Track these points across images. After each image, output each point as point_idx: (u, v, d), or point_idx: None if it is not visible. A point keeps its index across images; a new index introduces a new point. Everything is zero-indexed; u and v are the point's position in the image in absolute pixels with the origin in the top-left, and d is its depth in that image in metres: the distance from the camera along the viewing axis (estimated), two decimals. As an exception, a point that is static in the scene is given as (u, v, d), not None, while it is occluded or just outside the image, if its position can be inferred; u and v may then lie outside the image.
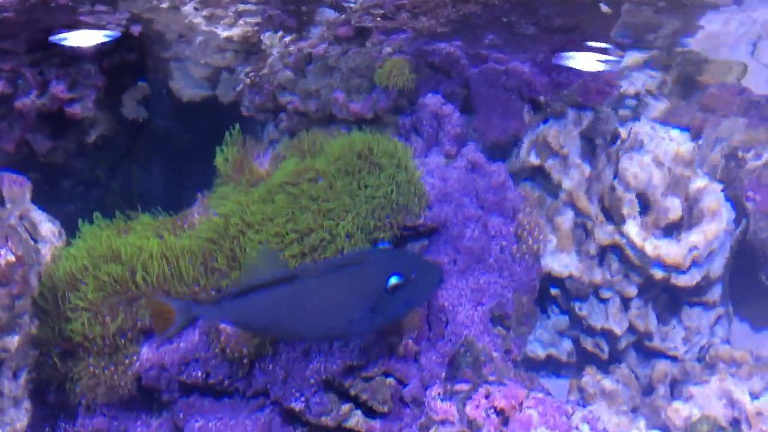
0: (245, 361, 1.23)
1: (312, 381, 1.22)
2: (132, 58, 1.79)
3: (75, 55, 1.66)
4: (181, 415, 1.27)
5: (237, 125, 1.43)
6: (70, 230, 1.38)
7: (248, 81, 1.74)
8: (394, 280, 1.09)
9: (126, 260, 1.25)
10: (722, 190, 1.48)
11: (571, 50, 1.58)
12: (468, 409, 1.02)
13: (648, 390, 1.54)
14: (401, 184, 1.31)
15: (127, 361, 1.26)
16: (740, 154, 1.50)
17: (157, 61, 1.85)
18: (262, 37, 1.73)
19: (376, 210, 1.29)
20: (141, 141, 1.96)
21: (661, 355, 1.54)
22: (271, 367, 1.24)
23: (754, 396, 1.38)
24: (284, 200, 1.27)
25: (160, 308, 1.09)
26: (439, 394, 1.05)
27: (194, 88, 1.88)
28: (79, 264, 1.27)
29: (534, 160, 1.61)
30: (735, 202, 1.50)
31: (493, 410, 1.01)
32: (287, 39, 1.69)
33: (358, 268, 1.10)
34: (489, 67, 1.62)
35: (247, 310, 1.09)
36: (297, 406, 1.22)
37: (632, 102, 1.70)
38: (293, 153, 1.39)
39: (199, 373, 1.25)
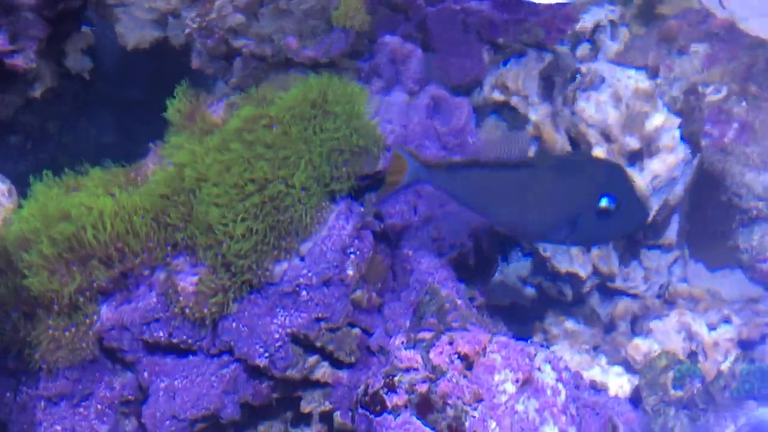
0: (207, 321, 1.22)
1: (276, 336, 1.21)
2: (75, 5, 1.70)
3: (14, 4, 1.57)
4: (146, 375, 1.26)
5: (187, 78, 1.39)
6: (23, 189, 1.34)
7: (195, 26, 1.66)
8: (605, 203, 1.06)
9: (77, 220, 1.22)
10: (679, 126, 1.48)
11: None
12: (432, 355, 1.03)
13: (610, 327, 1.57)
14: (358, 129, 1.28)
15: (87, 321, 1.24)
16: (700, 89, 1.49)
17: (101, 7, 1.77)
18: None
19: (332, 156, 1.26)
20: (90, 92, 1.90)
21: (623, 294, 1.57)
22: (234, 325, 1.23)
23: (712, 328, 1.43)
24: (240, 148, 1.24)
25: (397, 161, 1.13)
26: (402, 342, 1.06)
27: (142, 32, 1.80)
28: (31, 225, 1.24)
29: (498, 96, 1.59)
30: (692, 138, 1.50)
31: (456, 356, 1.02)
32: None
33: (578, 176, 1.07)
34: (446, 7, 1.58)
35: (470, 186, 1.11)
36: (261, 362, 1.22)
37: (591, 39, 1.67)
38: (248, 102, 1.35)
39: (161, 333, 1.24)
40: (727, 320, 1.43)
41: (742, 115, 1.44)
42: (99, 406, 1.27)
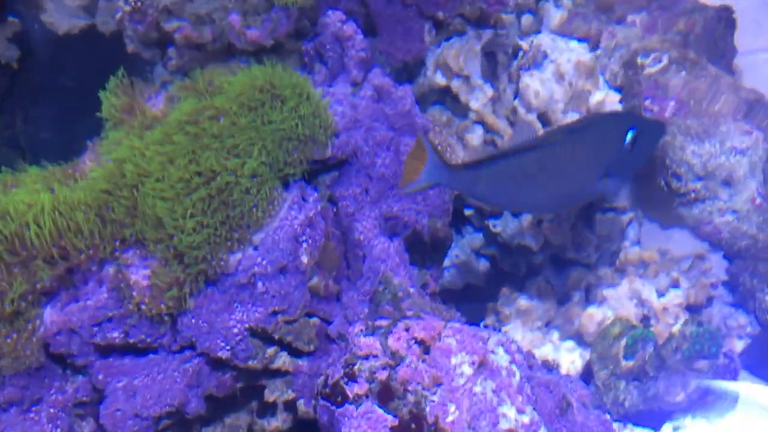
0: (165, 317, 1.20)
1: (236, 331, 1.20)
2: (-1, -7, 1.63)
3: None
4: (101, 377, 1.23)
5: (121, 67, 1.34)
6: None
7: (127, 8, 1.59)
8: (629, 137, 1.11)
9: (16, 218, 1.17)
10: (620, 101, 1.50)
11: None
12: (390, 341, 1.03)
13: (564, 299, 1.60)
14: (305, 117, 1.26)
15: (30, 327, 1.20)
16: (639, 60, 1.51)
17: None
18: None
19: (283, 144, 1.24)
20: (22, 84, 1.82)
21: (575, 263, 1.60)
22: (194, 321, 1.21)
23: (661, 293, 1.47)
24: (184, 140, 1.21)
25: (415, 153, 1.08)
26: (361, 330, 1.06)
27: (71, 20, 1.73)
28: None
29: (441, 80, 1.58)
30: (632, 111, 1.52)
31: (414, 341, 1.03)
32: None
33: (598, 128, 1.11)
34: (386, -20, 1.55)
35: (499, 180, 1.10)
36: (224, 354, 1.21)
37: (534, 9, 1.67)
38: (189, 93, 1.31)
39: (116, 333, 1.21)
40: (675, 285, 1.47)
41: (681, 87, 1.46)
42: (51, 410, 1.23)
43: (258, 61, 1.43)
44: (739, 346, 1.47)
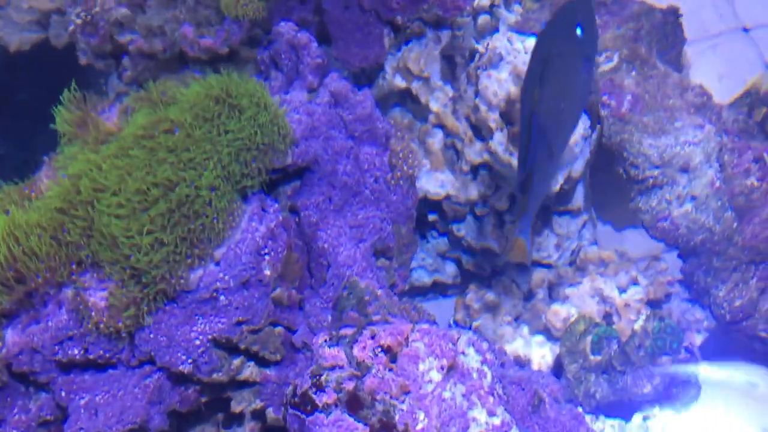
0: (123, 334, 1.18)
1: (198, 342, 1.19)
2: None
3: None
4: (63, 394, 1.21)
5: (74, 80, 1.31)
6: None
7: (79, 21, 1.57)
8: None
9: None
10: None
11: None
12: (356, 351, 1.03)
13: (528, 297, 1.61)
14: (264, 125, 1.25)
15: (-8, 349, 1.18)
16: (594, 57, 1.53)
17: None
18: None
19: (240, 154, 1.23)
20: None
21: (537, 264, 1.62)
22: (152, 335, 1.19)
23: (622, 290, 1.49)
24: (140, 154, 1.19)
25: (518, 248, 1.19)
26: (325, 340, 1.05)
27: (21, 34, 1.69)
28: None
29: (401, 83, 1.58)
30: (590, 109, 1.55)
31: (380, 349, 1.02)
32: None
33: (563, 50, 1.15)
34: (341, -13, 1.55)
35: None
36: (185, 368, 1.19)
37: (490, 12, 1.68)
38: (143, 105, 1.29)
39: (77, 351, 1.19)
40: (635, 282, 1.50)
41: (633, 85, 1.49)
42: (14, 431, 1.21)
43: (214, 71, 1.41)
44: (698, 340, 1.50)
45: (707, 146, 1.44)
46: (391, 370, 1.00)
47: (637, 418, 1.34)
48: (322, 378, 1.01)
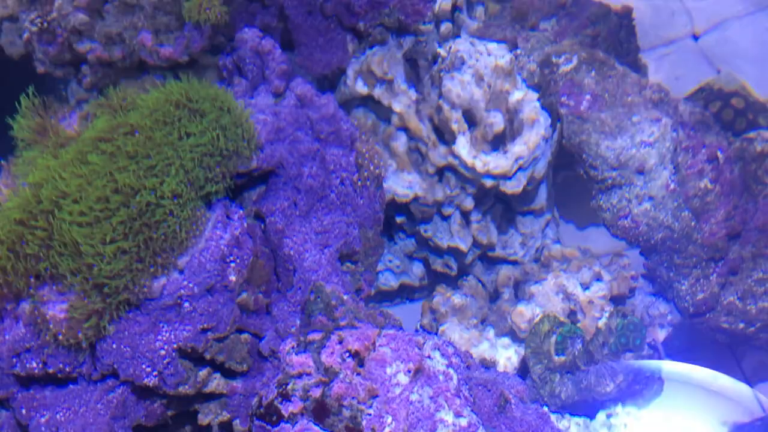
0: (84, 345, 1.15)
1: (163, 352, 1.17)
2: None
3: None
4: (24, 411, 1.18)
5: (32, 86, 1.29)
6: None
7: (35, 29, 1.53)
8: None
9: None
10: (538, 99, 1.54)
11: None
12: (324, 357, 1.02)
13: (495, 296, 1.63)
14: (227, 128, 1.23)
15: (-53, 364, 1.14)
16: (553, 59, 1.55)
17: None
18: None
19: (204, 160, 1.21)
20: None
21: (503, 261, 1.63)
22: (114, 346, 1.16)
23: (585, 287, 1.51)
24: (100, 160, 1.16)
25: None
26: (293, 347, 1.05)
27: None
28: None
29: (362, 89, 1.59)
30: (551, 108, 1.57)
31: (348, 354, 1.02)
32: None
33: None
34: (302, -8, 1.55)
35: None
36: (150, 381, 1.17)
37: (452, 18, 1.70)
38: (104, 111, 1.27)
39: (35, 363, 1.16)
40: (598, 278, 1.52)
41: (593, 84, 1.51)
42: (-25, 451, 1.18)
43: (174, 77, 1.39)
44: (661, 335, 1.53)
45: (662, 147, 1.47)
46: (358, 374, 1.00)
47: (601, 415, 1.36)
48: (289, 387, 1.01)
